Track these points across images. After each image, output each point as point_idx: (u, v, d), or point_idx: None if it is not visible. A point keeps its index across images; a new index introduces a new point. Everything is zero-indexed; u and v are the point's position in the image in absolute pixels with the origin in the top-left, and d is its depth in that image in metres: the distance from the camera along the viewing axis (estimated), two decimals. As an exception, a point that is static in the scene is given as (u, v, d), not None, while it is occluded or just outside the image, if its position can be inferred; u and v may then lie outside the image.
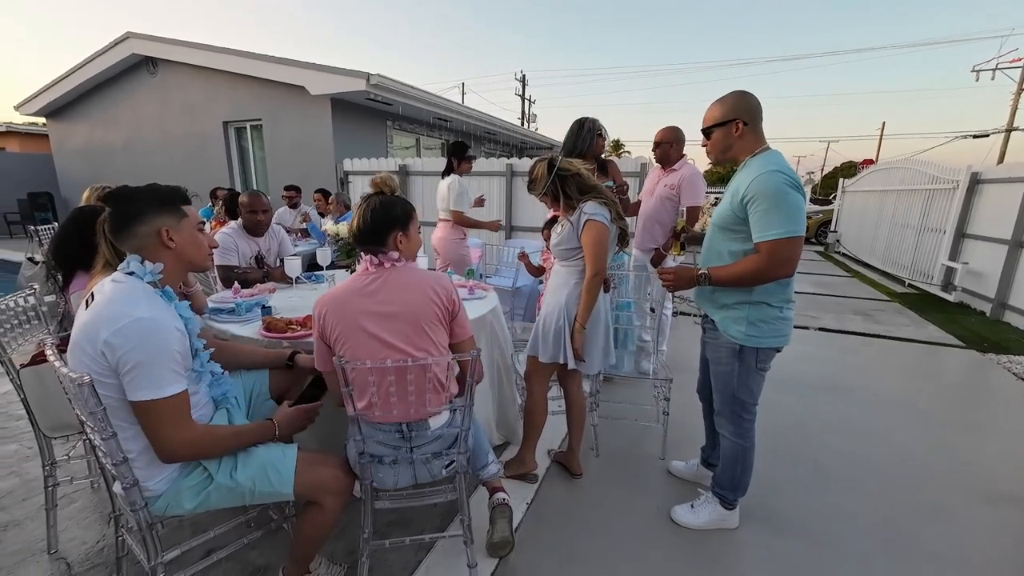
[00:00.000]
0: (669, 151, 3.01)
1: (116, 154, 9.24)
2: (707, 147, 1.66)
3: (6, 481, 2.05)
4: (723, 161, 1.65)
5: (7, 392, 2.84)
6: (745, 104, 1.57)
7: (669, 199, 3.02)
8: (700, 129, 1.66)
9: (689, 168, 3.01)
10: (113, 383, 1.09)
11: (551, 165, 1.86)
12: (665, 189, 3.03)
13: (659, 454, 2.33)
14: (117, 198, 1.22)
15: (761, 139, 1.59)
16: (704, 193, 3.06)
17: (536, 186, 1.92)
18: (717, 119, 1.60)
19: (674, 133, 3.02)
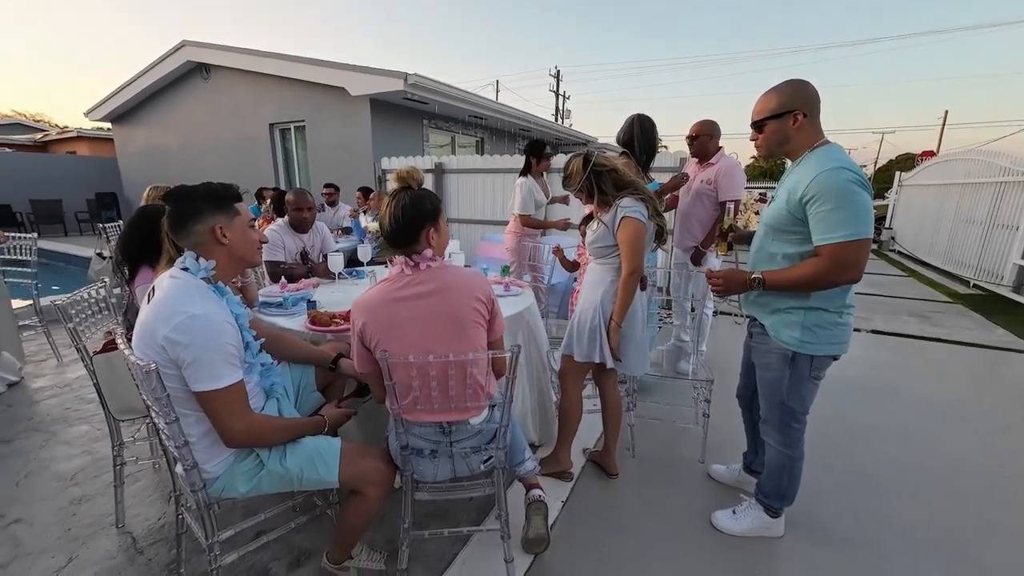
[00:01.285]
0: (707, 144, 2.90)
1: (172, 156, 9.82)
2: (758, 141, 1.55)
3: (79, 459, 2.22)
4: (776, 156, 1.56)
5: (80, 377, 3.08)
6: (804, 94, 1.46)
7: (707, 195, 2.91)
8: (751, 123, 1.56)
9: (727, 160, 2.90)
10: (175, 374, 1.16)
11: (587, 160, 1.83)
12: (702, 184, 2.92)
13: (698, 457, 2.27)
14: (175, 197, 1.29)
15: (819, 132, 1.48)
16: (743, 186, 2.94)
17: (571, 182, 1.88)
18: (772, 110, 1.49)
19: (711, 126, 2.91)
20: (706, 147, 2.89)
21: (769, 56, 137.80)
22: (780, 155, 1.55)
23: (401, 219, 1.31)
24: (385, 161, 6.94)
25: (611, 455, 2.14)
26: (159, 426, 1.26)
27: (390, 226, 1.33)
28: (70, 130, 14.90)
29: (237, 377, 1.21)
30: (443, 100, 7.23)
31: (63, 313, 1.64)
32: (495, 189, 5.99)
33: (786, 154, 1.54)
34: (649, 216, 1.81)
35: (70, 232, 10.76)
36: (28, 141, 14.78)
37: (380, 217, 1.37)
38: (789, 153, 1.53)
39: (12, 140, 14.59)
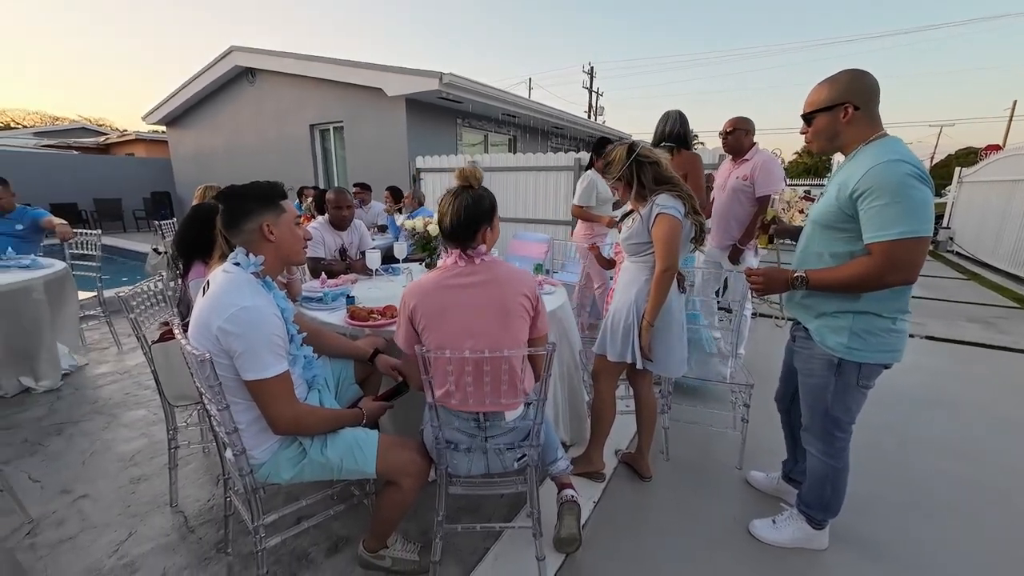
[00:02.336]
0: (742, 139, 2.84)
1: (219, 156, 10.32)
2: (807, 135, 1.49)
3: (138, 441, 2.38)
4: (827, 152, 1.47)
5: (139, 364, 3.29)
6: (859, 85, 1.37)
7: (743, 191, 2.85)
8: (801, 114, 1.49)
9: (762, 155, 2.84)
10: (227, 363, 1.22)
11: (631, 149, 1.78)
12: (738, 181, 2.86)
13: (735, 463, 2.21)
14: (227, 196, 1.36)
15: (876, 125, 1.38)
16: (782, 180, 2.86)
17: (612, 169, 1.82)
18: (822, 103, 1.41)
19: (745, 121, 2.86)
20: (741, 143, 2.84)
21: (813, 47, 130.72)
22: (831, 151, 1.47)
23: (463, 218, 1.37)
24: (420, 160, 7.05)
25: (644, 457, 2.10)
26: (211, 413, 1.34)
27: (452, 223, 1.38)
28: (129, 133, 15.88)
29: (283, 367, 1.26)
30: (477, 99, 7.29)
31: (125, 304, 1.76)
32: (527, 187, 5.99)
33: (838, 149, 1.46)
34: (686, 214, 1.76)
35: (128, 229, 11.50)
36: (92, 144, 15.84)
37: (440, 213, 1.42)
38: (841, 148, 1.45)
39: (78, 143, 15.69)
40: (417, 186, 6.98)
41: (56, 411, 2.65)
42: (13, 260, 2.96)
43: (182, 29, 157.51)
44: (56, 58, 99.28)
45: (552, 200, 5.87)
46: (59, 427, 2.49)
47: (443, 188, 6.89)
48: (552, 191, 5.86)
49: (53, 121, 25.14)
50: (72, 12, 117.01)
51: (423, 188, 6.95)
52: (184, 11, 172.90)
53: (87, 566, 1.62)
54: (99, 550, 1.69)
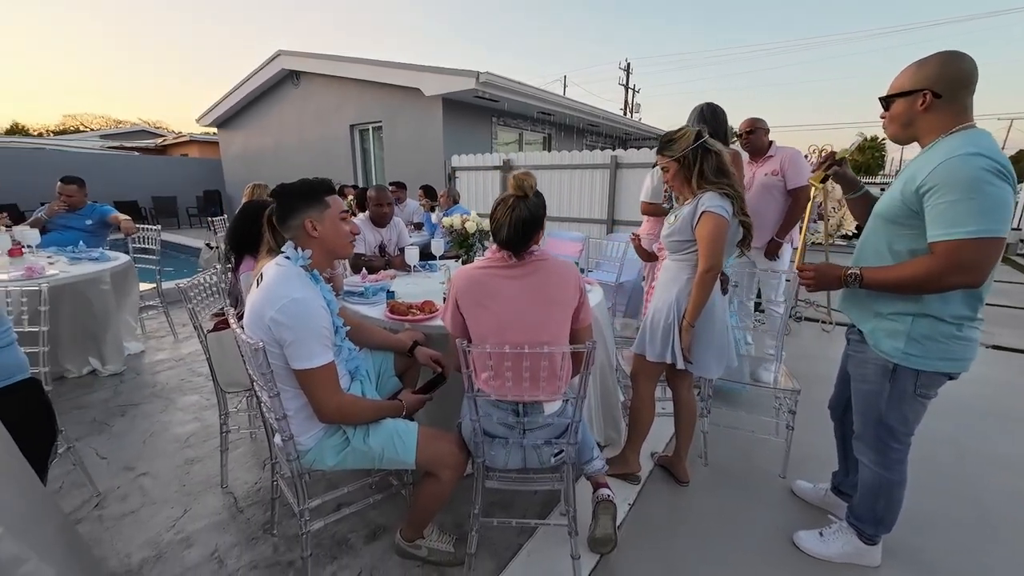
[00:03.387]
0: (763, 138, 2.87)
1: (266, 156, 10.78)
2: (884, 120, 1.38)
3: (192, 425, 2.52)
4: (900, 140, 1.37)
5: (192, 352, 3.49)
6: (945, 71, 1.24)
7: (774, 186, 2.82)
8: (879, 97, 1.37)
9: (787, 149, 2.85)
10: (278, 352, 1.28)
11: (699, 134, 1.70)
12: (767, 177, 2.83)
13: (779, 471, 2.12)
14: (277, 195, 1.42)
15: (962, 116, 1.25)
16: (810, 173, 2.83)
17: (673, 147, 1.73)
18: (902, 87, 1.30)
19: (761, 120, 2.90)
20: (762, 141, 2.87)
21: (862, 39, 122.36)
22: (905, 139, 1.36)
23: (521, 230, 1.38)
24: (455, 159, 7.13)
25: (682, 461, 2.05)
26: (262, 399, 1.40)
27: (509, 236, 1.39)
28: (183, 135, 16.82)
29: (329, 358, 1.31)
30: (512, 97, 7.30)
31: (185, 295, 1.86)
32: (562, 185, 5.95)
33: (913, 138, 1.35)
34: (734, 214, 1.70)
35: (182, 225, 12.18)
36: (151, 145, 16.87)
37: (496, 223, 1.42)
38: (916, 137, 1.34)
39: (138, 145, 16.76)
40: (452, 184, 7.07)
41: (120, 393, 2.85)
42: (84, 253, 3.20)
43: (232, 33, 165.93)
44: (119, 66, 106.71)
45: (587, 198, 5.82)
46: (123, 408, 2.67)
47: (477, 186, 6.95)
48: (587, 189, 5.80)
49: (116, 125, 27.00)
50: (131, 22, 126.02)
51: (457, 186, 7.03)
52: (235, 15, 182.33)
53: (147, 539, 1.73)
54: (158, 524, 1.80)
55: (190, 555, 1.66)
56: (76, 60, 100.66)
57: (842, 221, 4.67)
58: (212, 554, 1.67)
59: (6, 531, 0.99)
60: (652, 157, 5.29)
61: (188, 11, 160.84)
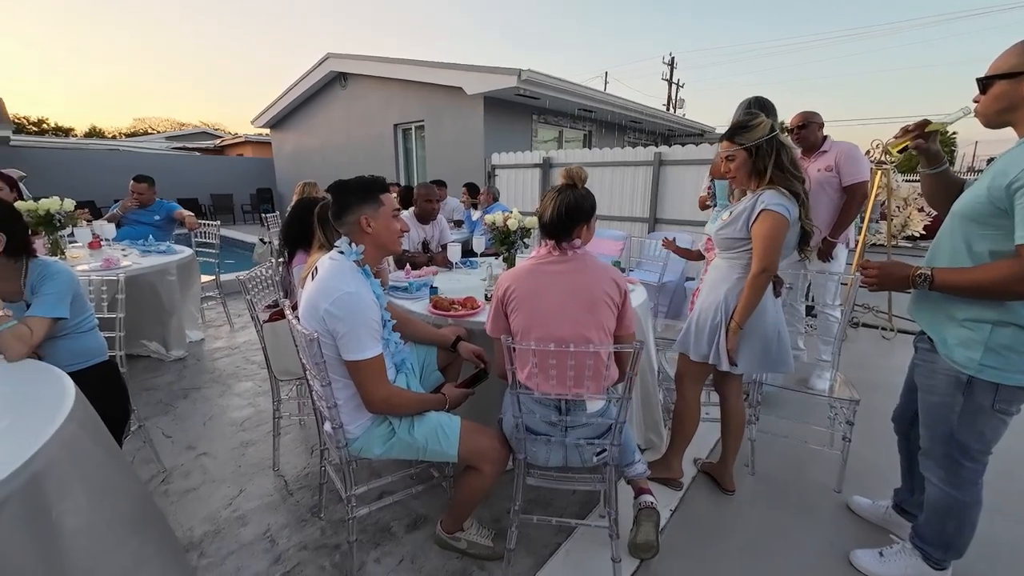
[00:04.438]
0: (816, 132, 2.72)
1: (314, 156, 11.23)
2: (979, 104, 1.26)
3: (247, 410, 2.67)
4: (994, 125, 1.23)
5: (247, 341, 3.69)
6: None
7: (828, 183, 2.67)
8: (977, 78, 1.25)
9: (842, 143, 2.69)
10: (331, 343, 1.33)
11: (774, 126, 1.62)
12: (821, 173, 2.67)
13: (834, 485, 2.01)
14: (335, 191, 1.46)
15: None
16: (868, 167, 2.72)
17: (747, 134, 1.61)
18: (1004, 67, 1.19)
19: (815, 114, 2.74)
20: (816, 135, 2.72)
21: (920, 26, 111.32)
22: (998, 124, 1.23)
23: (564, 214, 1.41)
24: (495, 157, 7.17)
25: (728, 469, 1.98)
26: (314, 388, 1.46)
27: (552, 217, 1.43)
28: (239, 136, 17.79)
29: (378, 350, 1.35)
30: (554, 94, 7.25)
31: (244, 286, 1.97)
32: (603, 183, 5.86)
33: (1007, 123, 1.23)
34: (798, 217, 1.61)
35: (237, 221, 12.89)
36: (210, 146, 17.97)
37: (542, 207, 1.46)
38: (1013, 124, 1.22)
39: (199, 146, 17.88)
40: (492, 182, 7.11)
41: (183, 378, 3.05)
42: (153, 246, 3.44)
43: (283, 38, 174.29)
44: (182, 71, 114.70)
45: (629, 196, 5.70)
46: (185, 392, 2.86)
47: (516, 184, 6.96)
48: (629, 187, 5.68)
49: (180, 127, 28.89)
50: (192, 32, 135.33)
51: (496, 184, 7.06)
52: (285, 22, 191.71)
53: (207, 515, 1.85)
54: (216, 502, 1.92)
55: (245, 532, 1.76)
56: (144, 67, 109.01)
57: (907, 221, 4.34)
58: (264, 533, 1.76)
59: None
60: (698, 153, 5.11)
61: (243, 18, 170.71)
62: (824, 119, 2.78)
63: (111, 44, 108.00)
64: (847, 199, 2.66)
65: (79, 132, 32.05)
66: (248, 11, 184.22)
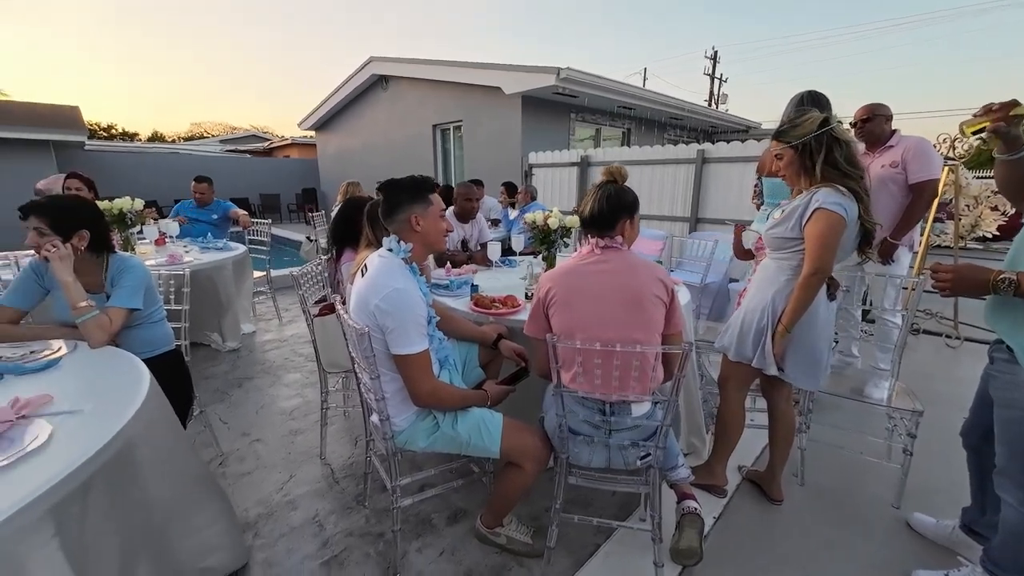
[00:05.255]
0: (883, 126, 2.54)
1: (356, 156, 11.60)
2: None
3: (295, 400, 2.79)
4: None
5: (295, 334, 3.86)
6: None
7: (892, 180, 2.49)
8: None
9: (912, 138, 2.50)
10: (380, 337, 1.37)
11: (827, 120, 1.52)
12: (885, 169, 2.50)
13: (892, 500, 1.90)
14: (387, 189, 1.51)
15: None
16: (940, 164, 2.54)
17: (795, 132, 1.54)
18: None
19: (883, 107, 2.56)
20: (882, 129, 2.55)
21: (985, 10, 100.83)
22: None
23: (605, 207, 1.43)
24: (532, 156, 7.17)
25: (776, 478, 1.91)
26: (363, 380, 1.51)
27: (593, 210, 1.44)
28: (286, 138, 18.61)
29: (425, 345, 1.38)
30: (593, 92, 7.17)
31: (297, 282, 2.06)
32: (642, 181, 5.75)
33: None
34: (857, 216, 1.53)
35: (283, 220, 13.49)
36: (259, 148, 18.89)
37: (583, 203, 1.48)
38: None
39: (249, 148, 18.82)
40: (528, 181, 7.12)
41: (237, 367, 3.23)
42: (211, 243, 3.66)
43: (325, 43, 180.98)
44: (234, 77, 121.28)
45: (670, 195, 5.57)
46: (239, 381, 3.03)
47: (554, 183, 6.94)
48: (670, 185, 5.55)
49: (232, 131, 30.51)
50: (241, 39, 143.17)
51: (535, 183, 7.06)
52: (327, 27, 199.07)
53: (260, 498, 1.95)
54: (268, 486, 2.02)
55: (295, 516, 1.85)
56: (199, 74, 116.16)
57: (978, 220, 4.00)
58: (313, 518, 1.84)
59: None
60: (743, 150, 4.93)
61: (287, 25, 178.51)
62: (894, 111, 2.60)
63: (170, 54, 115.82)
64: (913, 198, 2.48)
65: (143, 136, 34.41)
66: (291, 17, 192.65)
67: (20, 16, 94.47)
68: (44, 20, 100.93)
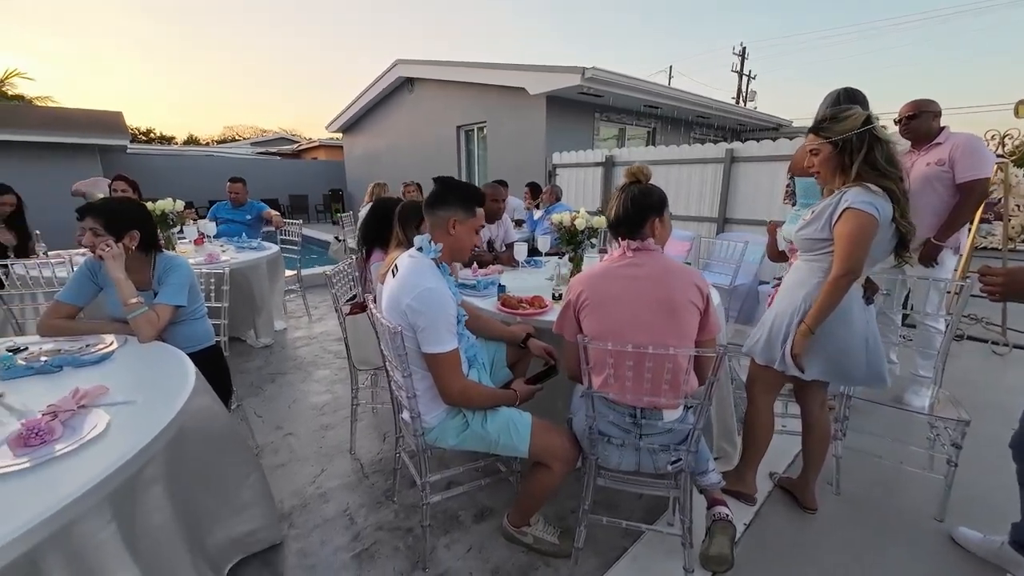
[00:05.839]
0: (931, 122, 2.44)
1: (382, 157, 11.80)
2: None
3: (325, 396, 2.87)
4: None
5: (324, 331, 3.96)
6: None
7: (938, 179, 2.39)
8: None
9: (962, 135, 2.38)
10: (412, 336, 1.40)
11: (869, 118, 1.47)
12: (931, 167, 2.39)
13: (934, 513, 1.82)
14: (442, 182, 1.54)
15: None
16: (993, 162, 2.45)
17: (836, 127, 1.48)
18: None
19: (930, 103, 2.45)
20: (929, 126, 2.44)
21: None
22: None
23: (630, 207, 1.41)
24: (556, 156, 7.15)
25: (810, 486, 1.86)
26: (394, 378, 1.55)
27: (619, 213, 1.43)
28: (313, 140, 19.07)
29: (455, 344, 1.41)
30: (618, 91, 7.12)
31: (330, 281, 2.12)
32: (668, 181, 5.67)
33: None
34: (892, 218, 1.47)
35: (311, 220, 13.84)
36: (288, 151, 19.41)
37: (609, 206, 1.47)
38: None
39: (279, 150, 19.36)
40: (553, 181, 7.11)
41: (270, 363, 3.34)
42: (246, 243, 3.79)
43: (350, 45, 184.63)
44: (263, 81, 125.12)
45: (697, 195, 5.47)
46: (272, 376, 3.13)
47: (578, 183, 6.90)
48: (697, 185, 5.46)
49: (262, 133, 31.39)
50: (269, 45, 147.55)
51: (559, 183, 7.04)
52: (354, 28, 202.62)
53: (294, 490, 2.01)
54: (302, 478, 2.08)
55: (327, 509, 1.90)
56: (231, 79, 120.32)
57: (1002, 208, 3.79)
58: (344, 511, 1.89)
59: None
60: (774, 149, 4.80)
61: (313, 29, 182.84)
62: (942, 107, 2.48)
63: (202, 60, 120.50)
64: (961, 198, 2.37)
65: (179, 140, 35.82)
66: (317, 22, 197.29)
67: (66, 27, 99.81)
68: (85, 31, 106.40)
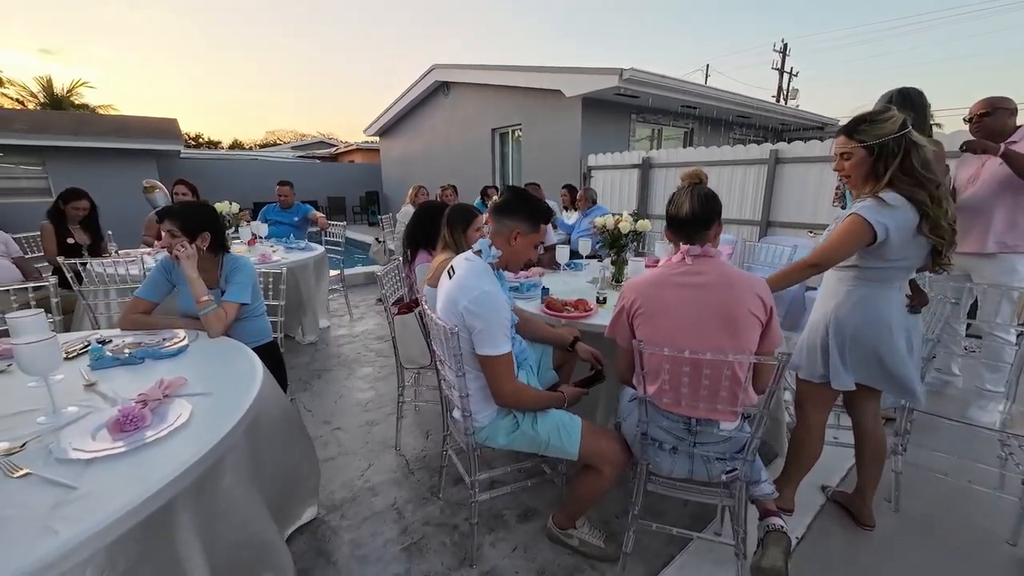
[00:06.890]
0: (1005, 121, 2.30)
1: (417, 160, 12.04)
2: None
3: (369, 392, 2.96)
4: None
5: (366, 330, 4.08)
6: None
7: (1011, 180, 2.27)
8: None
9: None
10: (466, 337, 1.43)
11: (905, 122, 1.41)
12: (1004, 167, 2.26)
13: (1007, 536, 1.72)
14: (516, 192, 1.58)
15: None
16: None
17: (872, 129, 1.41)
18: None
19: (1005, 100, 2.33)
20: (1004, 124, 2.30)
21: None
22: None
23: (698, 208, 1.37)
24: (592, 158, 7.12)
25: (867, 502, 1.79)
26: (447, 377, 1.59)
27: (693, 209, 1.37)
28: (351, 144, 19.65)
29: (509, 347, 1.43)
30: (656, 92, 7.01)
31: (380, 282, 2.19)
32: (709, 183, 5.55)
33: None
34: (917, 230, 1.40)
35: (348, 222, 14.25)
36: (326, 154, 20.09)
37: (676, 206, 1.41)
38: None
39: (317, 154, 20.06)
40: (589, 184, 7.08)
41: (316, 360, 3.47)
42: (294, 243, 3.95)
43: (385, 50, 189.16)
44: (303, 86, 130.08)
45: (739, 197, 5.34)
46: (319, 372, 3.25)
47: (613, 186, 6.85)
48: (739, 187, 5.32)
49: (301, 137, 32.60)
50: (308, 50, 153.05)
51: (594, 185, 7.00)
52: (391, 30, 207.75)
53: (344, 482, 2.09)
54: (351, 472, 2.16)
55: (376, 502, 1.96)
56: (272, 85, 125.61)
57: None
58: (392, 505, 1.95)
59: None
60: (821, 149, 4.63)
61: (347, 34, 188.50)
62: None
63: (245, 66, 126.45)
64: None
65: (224, 144, 37.59)
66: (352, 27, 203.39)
67: (121, 38, 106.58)
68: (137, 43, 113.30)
